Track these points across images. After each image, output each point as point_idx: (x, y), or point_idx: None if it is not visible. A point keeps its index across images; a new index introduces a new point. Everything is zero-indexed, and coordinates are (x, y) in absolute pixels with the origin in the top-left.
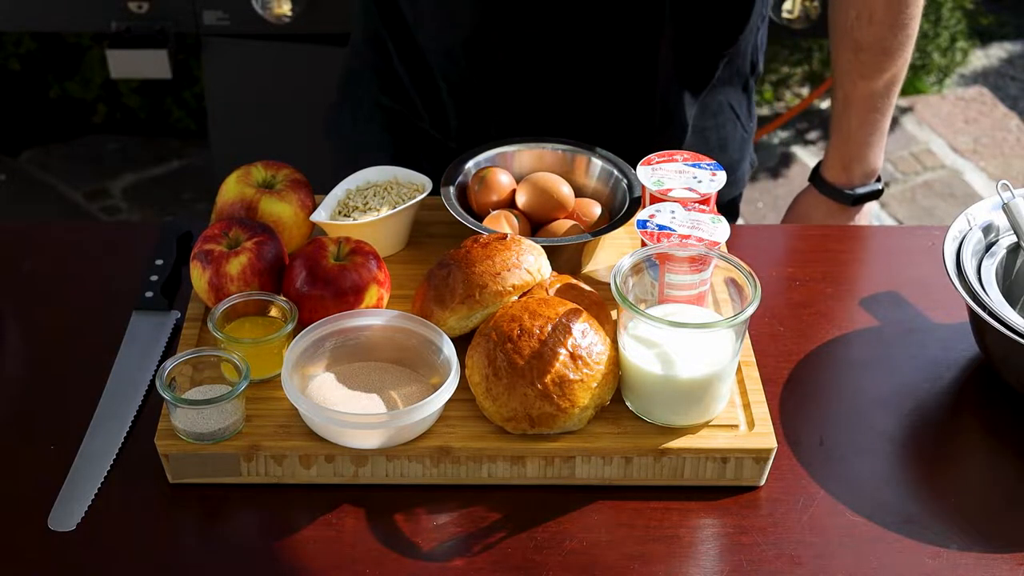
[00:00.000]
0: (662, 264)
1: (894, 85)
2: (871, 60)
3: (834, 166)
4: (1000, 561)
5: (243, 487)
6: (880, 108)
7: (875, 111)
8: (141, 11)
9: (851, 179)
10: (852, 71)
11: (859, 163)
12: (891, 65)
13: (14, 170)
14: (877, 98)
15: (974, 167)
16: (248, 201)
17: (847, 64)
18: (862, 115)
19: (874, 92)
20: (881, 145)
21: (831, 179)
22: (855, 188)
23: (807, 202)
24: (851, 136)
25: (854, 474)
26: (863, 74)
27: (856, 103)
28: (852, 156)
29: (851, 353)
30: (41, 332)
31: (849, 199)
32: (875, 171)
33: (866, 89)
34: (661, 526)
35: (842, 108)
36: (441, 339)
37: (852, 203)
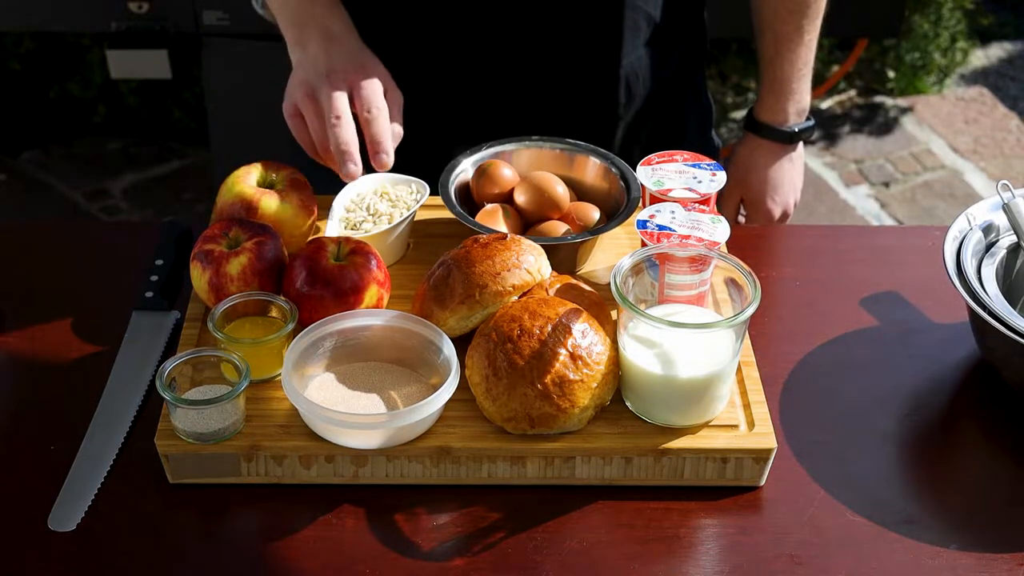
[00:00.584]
0: (662, 264)
1: (818, 16)
2: (793, 9)
3: (769, 106)
4: (1000, 561)
5: (243, 487)
6: (807, 41)
7: (802, 44)
8: (141, 11)
9: (786, 117)
10: (780, 7)
11: (793, 99)
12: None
13: (14, 170)
14: (805, 30)
15: (974, 167)
16: (248, 201)
17: (774, 1)
18: (792, 50)
19: (801, 25)
20: (809, 79)
21: (767, 120)
22: (791, 125)
23: (746, 148)
24: (783, 73)
25: (854, 474)
26: (790, 8)
27: (785, 39)
28: (785, 93)
29: (851, 353)
30: (41, 332)
31: (786, 136)
32: (806, 107)
33: (793, 24)
34: (661, 526)
35: (772, 48)
36: (441, 339)
37: (789, 140)
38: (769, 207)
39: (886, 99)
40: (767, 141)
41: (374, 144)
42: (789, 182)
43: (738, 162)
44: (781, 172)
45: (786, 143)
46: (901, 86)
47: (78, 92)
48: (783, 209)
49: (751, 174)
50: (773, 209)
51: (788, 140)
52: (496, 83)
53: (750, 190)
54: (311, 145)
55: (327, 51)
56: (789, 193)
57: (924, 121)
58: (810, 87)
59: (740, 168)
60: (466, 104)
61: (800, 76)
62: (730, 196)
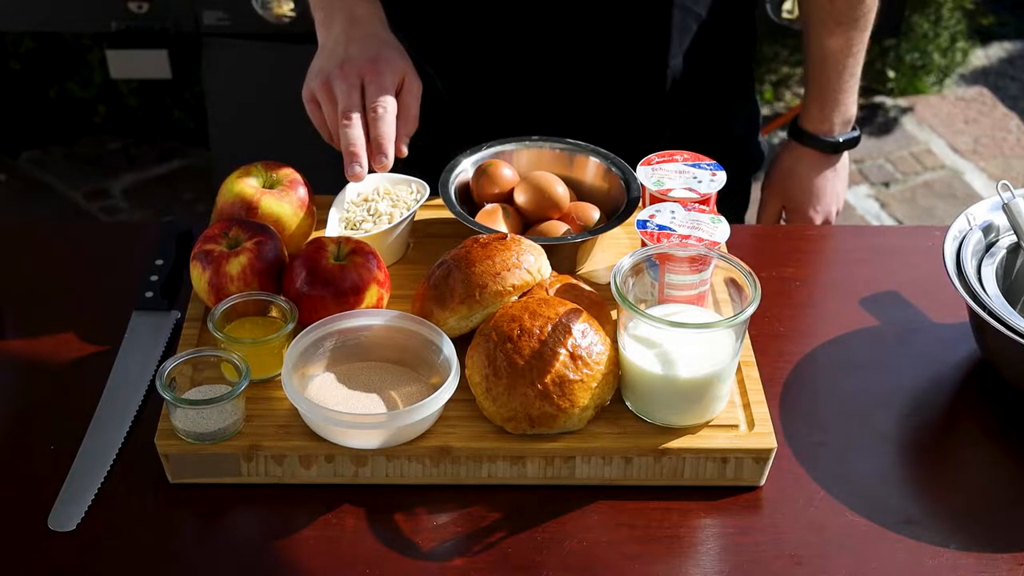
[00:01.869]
0: (662, 264)
1: (866, 29)
2: (844, 5)
3: (814, 116)
4: (1000, 561)
5: (243, 487)
6: (855, 53)
7: (850, 56)
8: (141, 11)
9: (831, 127)
10: (827, 18)
11: (837, 110)
12: (863, 8)
13: (14, 170)
14: (853, 43)
15: (974, 167)
16: (248, 201)
17: (821, 12)
18: (839, 61)
19: (849, 37)
20: (855, 91)
21: (812, 129)
22: (835, 136)
23: (790, 156)
24: (829, 84)
25: (854, 474)
26: (838, 20)
27: (832, 50)
28: (831, 104)
29: (851, 353)
30: (41, 332)
31: (830, 147)
32: (852, 118)
33: (842, 35)
34: (661, 526)
35: (819, 58)
36: (441, 339)
37: (833, 151)
38: (811, 216)
39: (886, 99)
40: (810, 150)
41: (376, 145)
42: (832, 191)
43: (780, 169)
44: (824, 181)
45: (829, 153)
46: (901, 86)
47: (78, 92)
48: (824, 218)
49: (792, 182)
50: (814, 218)
51: (832, 150)
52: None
53: (792, 199)
54: (326, 130)
55: (348, 36)
56: (831, 202)
57: (924, 121)
58: (856, 98)
59: (782, 176)
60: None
61: (847, 88)
62: (771, 202)
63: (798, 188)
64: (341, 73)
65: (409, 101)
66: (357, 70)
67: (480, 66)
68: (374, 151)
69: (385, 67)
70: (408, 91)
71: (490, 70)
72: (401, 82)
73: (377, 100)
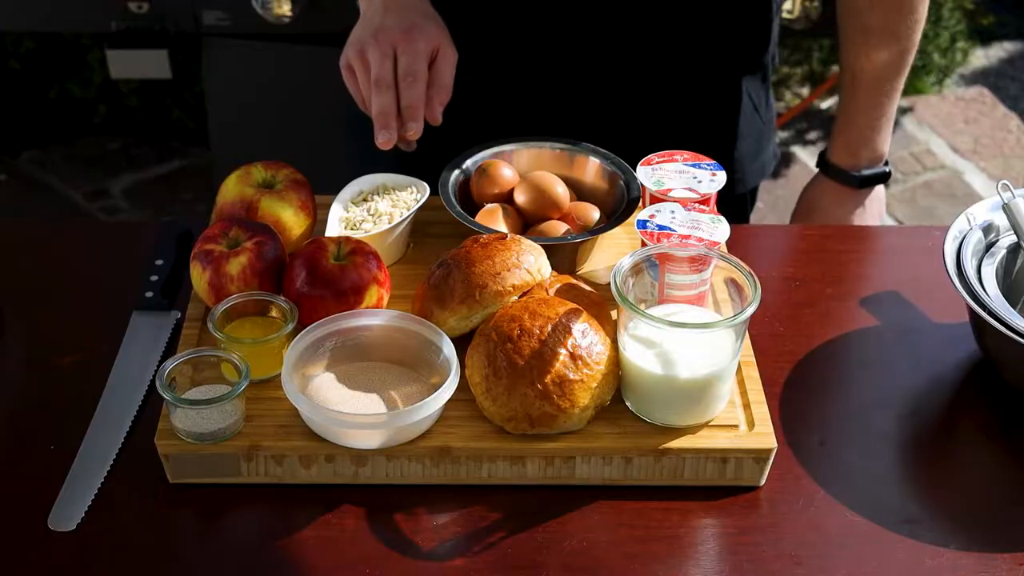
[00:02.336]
0: (662, 264)
1: (902, 70)
2: (879, 43)
3: (840, 150)
4: (1000, 561)
5: (243, 487)
6: (887, 92)
7: (882, 94)
8: (141, 11)
9: (857, 162)
10: (860, 54)
11: (866, 147)
12: (899, 48)
13: (14, 170)
14: (884, 81)
15: (974, 167)
16: (248, 201)
17: (856, 47)
18: (869, 98)
19: (881, 76)
20: (888, 130)
21: (837, 162)
22: (861, 171)
23: (815, 189)
24: (857, 119)
25: (854, 474)
26: (871, 57)
27: (863, 86)
28: (858, 140)
29: (851, 353)
30: (41, 332)
31: (855, 181)
32: (882, 156)
33: (873, 72)
34: (661, 526)
35: (850, 91)
36: (441, 339)
37: (859, 185)
38: None
39: None
40: (834, 183)
41: (406, 112)
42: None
43: (806, 202)
44: (849, 216)
45: (854, 187)
46: None
47: (78, 92)
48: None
49: (815, 215)
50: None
51: (856, 185)
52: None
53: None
54: (360, 98)
55: (386, 6)
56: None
57: (924, 121)
58: (889, 136)
59: (808, 208)
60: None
61: (877, 126)
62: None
63: (822, 221)
64: (375, 41)
65: (444, 69)
66: (391, 39)
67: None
68: (405, 118)
69: (419, 35)
70: (443, 59)
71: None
72: (435, 51)
73: (408, 68)
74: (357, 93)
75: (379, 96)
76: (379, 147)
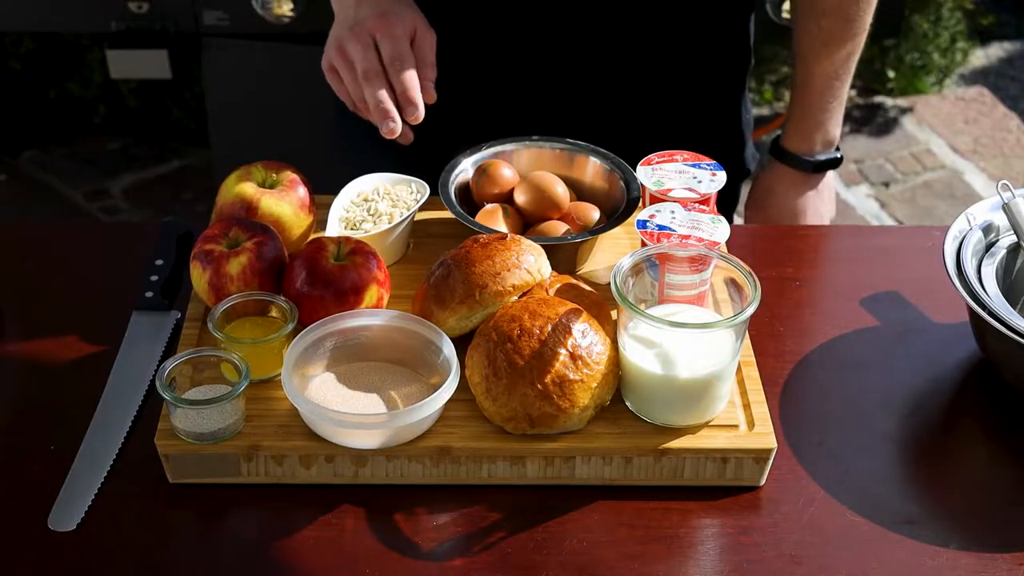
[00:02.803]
0: (662, 264)
1: (854, 54)
2: (833, 26)
3: (794, 135)
4: (1000, 561)
5: (243, 487)
6: (840, 76)
7: (835, 79)
8: (141, 11)
9: (811, 147)
10: (816, 40)
11: (819, 131)
12: (852, 32)
13: (14, 170)
14: (838, 65)
15: (974, 167)
16: (248, 201)
17: (811, 33)
18: (824, 83)
19: (835, 60)
20: (840, 113)
21: (792, 148)
22: (815, 155)
23: (769, 175)
24: (812, 104)
25: (854, 474)
26: (825, 41)
27: (816, 72)
28: (812, 124)
29: (851, 353)
30: (41, 332)
31: (809, 166)
32: (834, 140)
33: (828, 57)
34: (661, 526)
35: (804, 77)
36: (441, 339)
37: (813, 170)
38: None
39: (886, 99)
40: (789, 169)
41: (403, 98)
42: (813, 211)
43: (759, 187)
44: (805, 202)
45: (808, 172)
46: (901, 86)
47: (78, 92)
48: None
49: (772, 201)
50: None
51: (811, 170)
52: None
53: (771, 218)
54: (350, 100)
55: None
56: (814, 223)
57: (924, 121)
58: (841, 121)
59: (763, 194)
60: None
61: (830, 110)
62: (752, 221)
63: (777, 208)
64: (353, 35)
65: (425, 49)
66: (368, 29)
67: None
68: (403, 104)
69: (395, 20)
70: (423, 40)
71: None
72: (414, 33)
73: (394, 53)
74: (344, 93)
75: (371, 87)
76: (385, 137)
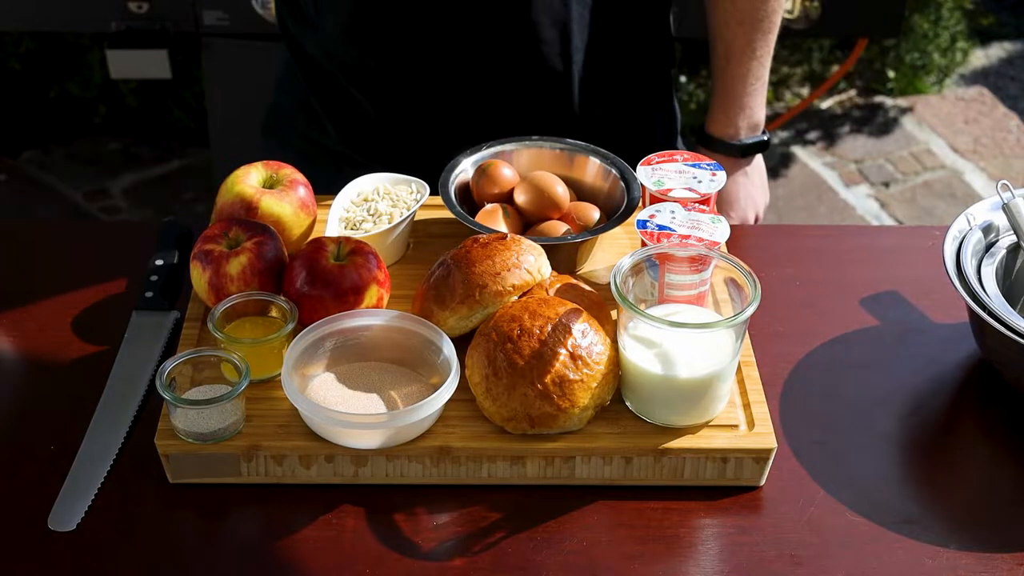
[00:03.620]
0: (662, 264)
1: (771, 31)
2: (746, 6)
3: (719, 120)
4: (1000, 561)
5: (243, 487)
6: (759, 57)
7: (754, 59)
8: (141, 11)
9: (737, 131)
10: (730, 20)
11: (744, 114)
12: (765, 10)
13: (14, 170)
14: (756, 45)
15: (974, 167)
16: (248, 201)
17: (724, 14)
18: (743, 64)
19: (752, 39)
20: (763, 97)
21: (717, 133)
22: (742, 140)
23: None
24: (734, 87)
25: (854, 474)
26: (740, 20)
27: (736, 52)
28: (736, 108)
29: (851, 353)
30: (41, 332)
31: (737, 151)
32: (760, 122)
33: (744, 37)
34: (661, 526)
35: (723, 61)
36: (441, 339)
37: (741, 155)
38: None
39: (886, 99)
40: (718, 155)
41: None
42: (746, 195)
43: None
44: (736, 187)
45: (738, 157)
46: (901, 86)
47: (78, 92)
48: (741, 222)
49: None
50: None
51: (739, 154)
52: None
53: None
54: None
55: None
56: (747, 207)
57: (924, 121)
58: (764, 102)
59: None
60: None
61: (752, 91)
62: None
63: None
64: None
65: None
66: None
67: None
68: None
69: None
70: None
71: (410, 88)
72: None
73: None
74: None
75: None
76: None
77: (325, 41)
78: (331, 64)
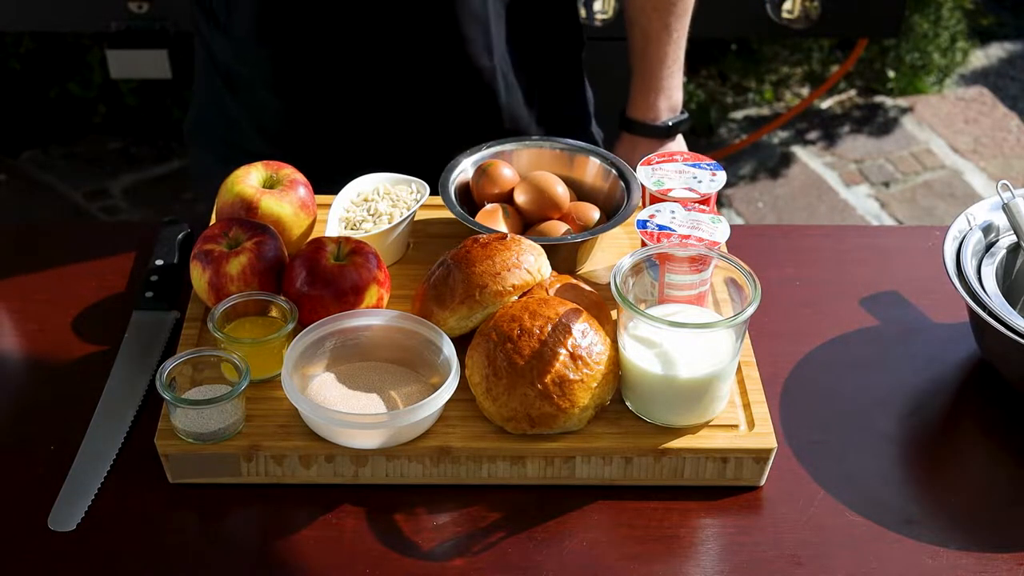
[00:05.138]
0: (662, 264)
1: (685, 14)
2: None
3: (640, 105)
4: (1000, 561)
5: (243, 487)
6: (675, 39)
7: (671, 42)
8: (141, 11)
9: (658, 114)
10: (646, 5)
11: (663, 95)
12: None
13: (14, 170)
14: (672, 28)
15: (974, 167)
16: (248, 201)
17: (640, 0)
18: (661, 48)
19: (668, 23)
20: (679, 78)
21: (639, 117)
22: (664, 121)
23: (625, 146)
24: (653, 71)
25: (854, 474)
26: (655, 6)
27: (653, 37)
28: (656, 91)
29: (851, 353)
30: (41, 332)
31: (662, 131)
32: (679, 103)
33: (659, 21)
34: (661, 526)
35: (641, 45)
36: (441, 339)
37: (665, 135)
38: None
39: (886, 99)
40: (643, 138)
41: None
42: None
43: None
44: None
45: (662, 138)
46: (901, 86)
47: (78, 92)
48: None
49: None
50: None
51: (664, 135)
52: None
53: None
54: None
55: None
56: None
57: (924, 121)
58: (681, 83)
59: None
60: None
61: (670, 73)
62: None
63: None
64: None
65: None
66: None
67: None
68: None
69: None
70: None
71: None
72: None
73: None
74: None
75: None
76: None
77: (236, 43)
78: (244, 65)
